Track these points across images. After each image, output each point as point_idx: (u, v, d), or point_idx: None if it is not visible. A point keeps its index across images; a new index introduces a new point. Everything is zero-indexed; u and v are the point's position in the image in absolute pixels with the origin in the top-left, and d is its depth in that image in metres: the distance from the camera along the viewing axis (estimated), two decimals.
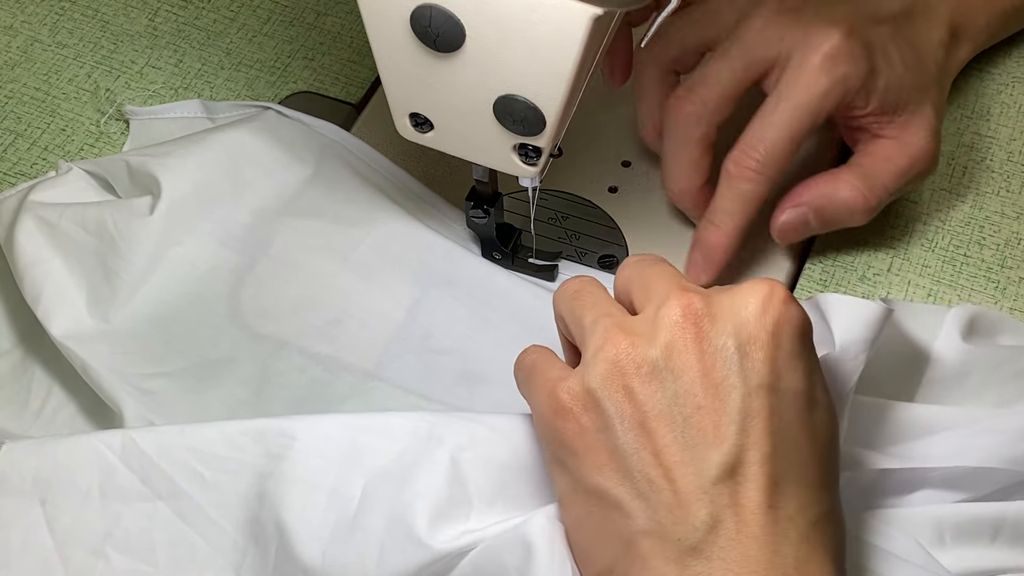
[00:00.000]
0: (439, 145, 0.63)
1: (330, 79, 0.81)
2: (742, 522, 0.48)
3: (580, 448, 0.51)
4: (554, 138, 0.59)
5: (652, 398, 0.50)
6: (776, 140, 0.65)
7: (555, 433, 0.51)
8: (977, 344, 0.63)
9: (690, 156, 0.68)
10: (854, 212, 0.68)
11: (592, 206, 0.74)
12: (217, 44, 0.83)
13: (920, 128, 0.68)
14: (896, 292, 0.71)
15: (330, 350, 0.66)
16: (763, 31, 0.66)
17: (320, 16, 0.84)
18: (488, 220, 0.68)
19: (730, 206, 0.66)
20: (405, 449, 0.55)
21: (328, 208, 0.70)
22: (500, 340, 0.66)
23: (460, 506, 0.54)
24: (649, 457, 0.49)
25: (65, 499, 0.56)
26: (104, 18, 0.84)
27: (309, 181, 0.71)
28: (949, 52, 0.72)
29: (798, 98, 0.64)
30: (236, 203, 0.69)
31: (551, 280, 0.70)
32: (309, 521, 0.54)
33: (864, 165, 0.68)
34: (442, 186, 0.75)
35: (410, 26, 0.56)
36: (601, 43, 0.57)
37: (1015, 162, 0.76)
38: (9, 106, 0.79)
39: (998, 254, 0.72)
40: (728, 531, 0.48)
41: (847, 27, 0.65)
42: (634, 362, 0.50)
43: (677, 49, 0.70)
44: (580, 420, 0.51)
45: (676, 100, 0.67)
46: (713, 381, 0.49)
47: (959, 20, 0.73)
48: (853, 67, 0.65)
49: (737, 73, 0.66)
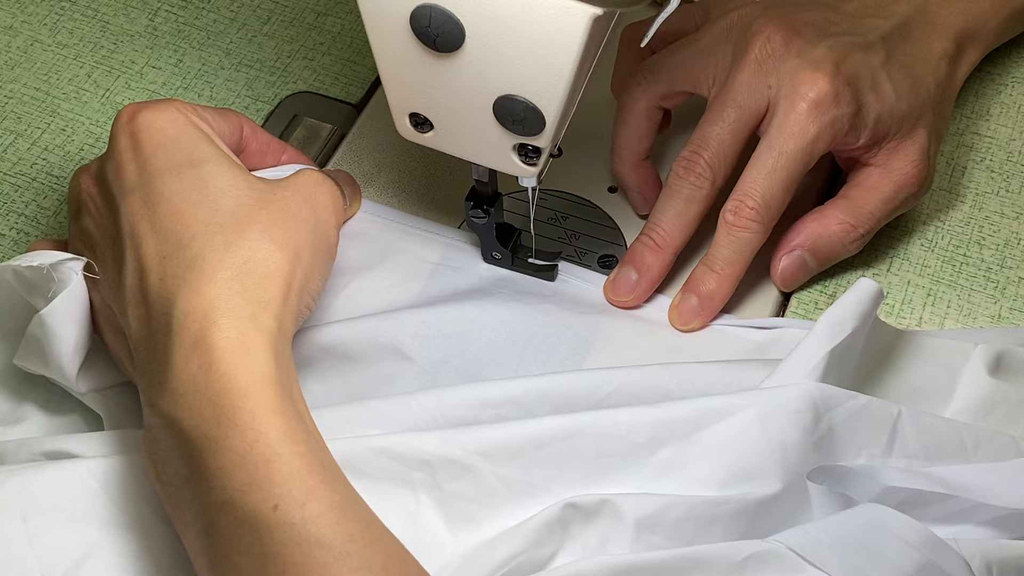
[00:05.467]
0: (439, 145, 0.63)
1: (330, 79, 0.81)
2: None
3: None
4: (554, 138, 0.59)
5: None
6: (770, 188, 0.66)
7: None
8: (1004, 380, 0.64)
9: (698, 211, 0.68)
10: (846, 244, 0.69)
11: (592, 206, 0.74)
12: (217, 44, 0.83)
13: (909, 153, 0.69)
14: (896, 292, 0.71)
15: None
16: (751, 84, 0.67)
17: (320, 16, 0.84)
18: (488, 220, 0.68)
19: (730, 255, 0.67)
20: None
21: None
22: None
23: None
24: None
25: (46, 516, 0.57)
26: (104, 18, 0.84)
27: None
28: (954, 62, 0.72)
29: (788, 147, 0.65)
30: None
31: (551, 280, 0.70)
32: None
33: (851, 197, 0.69)
34: (442, 186, 0.75)
35: (410, 26, 0.56)
36: (601, 43, 0.57)
37: (1015, 162, 0.76)
38: (9, 106, 0.80)
39: (998, 254, 0.72)
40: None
41: (832, 68, 0.66)
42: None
43: (666, 87, 0.71)
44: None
45: (685, 163, 0.67)
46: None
47: (968, 25, 0.73)
48: (840, 110, 0.66)
49: (737, 133, 0.67)
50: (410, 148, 0.71)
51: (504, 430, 0.58)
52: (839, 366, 0.60)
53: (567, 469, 0.57)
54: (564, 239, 0.73)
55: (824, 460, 0.58)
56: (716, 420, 0.58)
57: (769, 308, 0.70)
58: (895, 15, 0.71)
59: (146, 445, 0.55)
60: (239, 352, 0.53)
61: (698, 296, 0.67)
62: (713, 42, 0.69)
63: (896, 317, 0.70)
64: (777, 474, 0.57)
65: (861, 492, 0.58)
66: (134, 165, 0.59)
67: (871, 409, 0.59)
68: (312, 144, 0.78)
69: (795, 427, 0.57)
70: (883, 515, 0.56)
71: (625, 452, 0.57)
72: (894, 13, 0.71)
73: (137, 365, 0.57)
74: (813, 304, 0.70)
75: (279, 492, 0.50)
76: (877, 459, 0.59)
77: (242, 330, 0.53)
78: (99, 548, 0.57)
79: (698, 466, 0.57)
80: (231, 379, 0.52)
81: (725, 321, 0.68)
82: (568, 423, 0.58)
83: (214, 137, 0.61)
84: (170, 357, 0.53)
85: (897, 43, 0.69)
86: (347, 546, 0.50)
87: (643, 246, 0.68)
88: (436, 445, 0.57)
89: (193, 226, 0.56)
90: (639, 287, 0.68)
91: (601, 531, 0.56)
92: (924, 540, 0.55)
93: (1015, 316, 0.70)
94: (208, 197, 0.57)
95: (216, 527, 0.51)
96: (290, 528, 0.49)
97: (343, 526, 0.50)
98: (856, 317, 0.60)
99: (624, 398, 0.60)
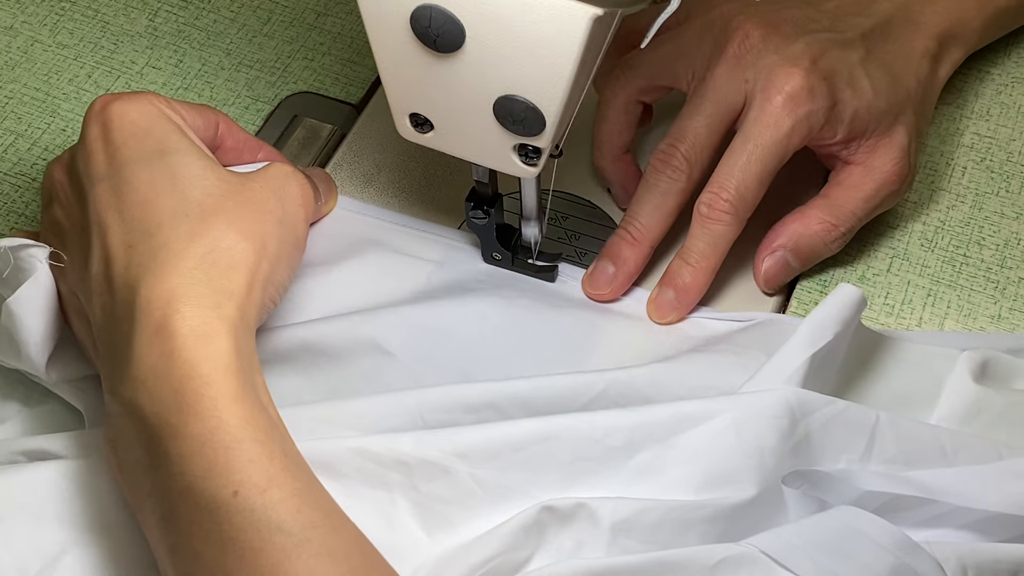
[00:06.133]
0: (439, 145, 0.63)
1: (330, 79, 0.81)
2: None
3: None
4: (554, 138, 0.59)
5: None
6: (744, 181, 0.66)
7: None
8: (989, 386, 0.64)
9: (674, 204, 0.68)
10: (828, 243, 0.69)
11: (592, 206, 0.74)
12: (217, 44, 0.83)
13: (889, 151, 0.69)
14: (896, 292, 0.71)
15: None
16: (729, 78, 0.67)
17: (320, 16, 0.84)
18: (488, 221, 0.68)
19: (704, 247, 0.67)
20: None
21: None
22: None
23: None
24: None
25: (20, 517, 0.58)
26: (104, 18, 0.84)
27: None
28: (937, 61, 0.72)
29: (763, 140, 0.66)
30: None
31: (551, 281, 0.70)
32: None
33: (831, 196, 0.69)
34: (442, 186, 0.75)
35: (410, 26, 0.56)
36: (601, 43, 0.57)
37: (1015, 162, 0.76)
38: (10, 106, 0.80)
39: (998, 254, 0.72)
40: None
41: (808, 63, 0.66)
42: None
43: (645, 81, 0.71)
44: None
45: (662, 156, 0.68)
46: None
47: (951, 24, 0.73)
48: (815, 104, 0.66)
49: (713, 127, 0.67)
50: (410, 148, 0.71)
51: (481, 432, 0.58)
52: (820, 371, 0.61)
53: (544, 472, 0.58)
54: (564, 239, 0.73)
55: (802, 465, 0.59)
56: (693, 425, 0.58)
57: (768, 310, 0.70)
58: (877, 13, 0.71)
59: (107, 433, 0.56)
60: (201, 340, 0.53)
61: (675, 289, 0.68)
62: (693, 37, 0.69)
63: (896, 317, 0.70)
64: (753, 479, 0.57)
65: (838, 496, 0.59)
66: (104, 155, 0.59)
67: (849, 415, 0.59)
68: (312, 144, 0.78)
69: (772, 433, 0.57)
70: (856, 518, 0.56)
71: (602, 456, 0.58)
72: (876, 11, 0.71)
73: (100, 353, 0.57)
74: (813, 304, 0.70)
75: (239, 479, 0.50)
76: (856, 464, 0.59)
77: (205, 319, 0.53)
78: (74, 547, 0.57)
79: (674, 470, 0.58)
80: (193, 366, 0.52)
81: (703, 314, 0.69)
82: (545, 426, 0.58)
83: (186, 129, 0.61)
84: (132, 344, 0.53)
85: (877, 41, 0.70)
86: (307, 532, 0.50)
87: (620, 239, 0.68)
88: (413, 446, 0.57)
89: (160, 215, 0.56)
90: (616, 280, 0.68)
91: (577, 535, 0.57)
92: (897, 543, 0.55)
93: (1015, 316, 0.70)
94: (176, 187, 0.57)
95: (176, 513, 0.51)
96: (250, 514, 0.50)
97: (304, 513, 0.50)
98: (838, 322, 0.61)
99: (604, 404, 0.61)
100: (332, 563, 0.50)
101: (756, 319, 0.68)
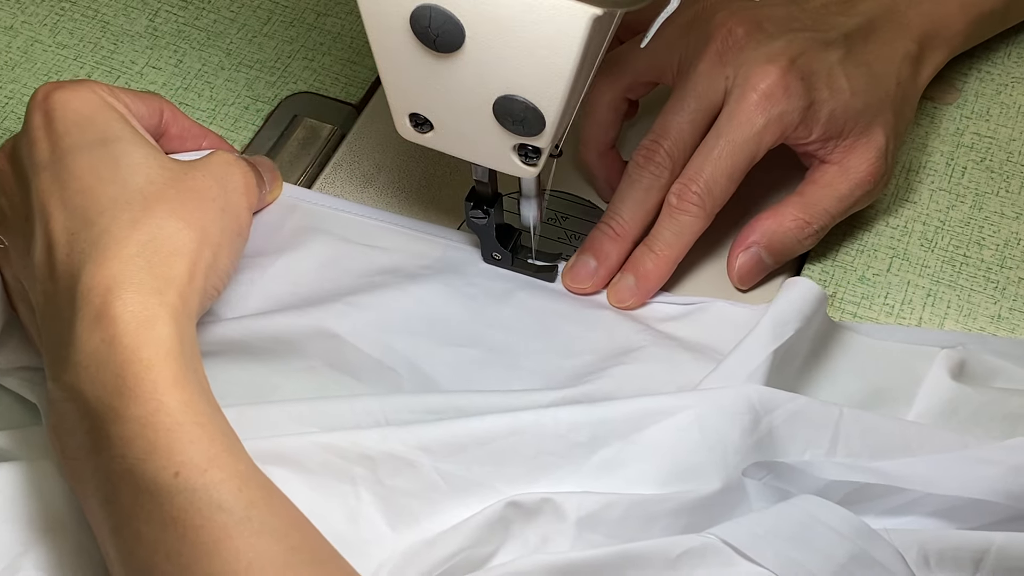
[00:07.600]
0: (439, 145, 0.63)
1: (330, 79, 0.81)
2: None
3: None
4: (554, 138, 0.59)
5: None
6: (714, 175, 0.66)
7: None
8: (967, 384, 0.64)
9: (657, 200, 0.68)
10: (801, 240, 0.69)
11: (592, 206, 0.74)
12: (217, 44, 0.83)
13: (866, 152, 0.69)
14: (896, 292, 0.71)
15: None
16: (711, 74, 0.67)
17: (320, 16, 0.84)
18: (488, 221, 0.68)
19: (670, 236, 0.67)
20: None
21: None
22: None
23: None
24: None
25: None
26: (104, 18, 0.84)
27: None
28: (918, 63, 0.72)
29: (735, 136, 0.66)
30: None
31: (551, 281, 0.70)
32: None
33: (806, 193, 0.70)
34: (442, 186, 0.75)
35: (410, 26, 0.56)
36: (601, 43, 0.57)
37: (1015, 162, 0.76)
38: (10, 106, 0.80)
39: (998, 254, 0.72)
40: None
41: (787, 61, 0.66)
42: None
43: (630, 77, 0.71)
44: None
45: (645, 152, 0.68)
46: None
47: (934, 26, 0.73)
48: (791, 103, 0.66)
49: (697, 123, 0.68)
50: (410, 148, 0.71)
51: (446, 427, 0.58)
52: (783, 367, 0.62)
53: (508, 466, 0.58)
54: (564, 239, 0.73)
55: (765, 459, 0.59)
56: (655, 421, 0.58)
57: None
58: (861, 13, 0.71)
59: (51, 419, 0.56)
60: (143, 326, 0.53)
61: (636, 275, 0.68)
62: (678, 33, 0.69)
63: (896, 317, 0.70)
64: (717, 473, 0.58)
65: (802, 487, 0.59)
66: (47, 143, 0.59)
67: (811, 410, 0.59)
68: (312, 144, 0.78)
69: (734, 428, 0.58)
70: (816, 507, 0.57)
71: (566, 451, 0.58)
72: (860, 12, 0.71)
73: (43, 339, 0.57)
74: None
75: (180, 460, 0.51)
76: (821, 458, 0.59)
77: (146, 304, 0.54)
78: (36, 545, 0.57)
79: (638, 465, 0.58)
80: (134, 351, 0.52)
81: (660, 299, 0.69)
82: (510, 421, 0.58)
83: (129, 117, 0.61)
84: (74, 330, 0.54)
85: (859, 41, 0.70)
86: (248, 511, 0.50)
87: (602, 234, 0.69)
88: (378, 440, 0.58)
89: (101, 203, 0.56)
90: (597, 275, 0.69)
91: (542, 530, 0.57)
92: (856, 530, 0.56)
93: (1015, 316, 0.70)
94: (118, 175, 0.57)
95: (118, 495, 0.52)
96: (191, 494, 0.50)
97: (245, 493, 0.51)
98: (799, 319, 0.61)
99: (568, 402, 0.61)
100: (273, 540, 0.50)
101: (712, 304, 0.68)
